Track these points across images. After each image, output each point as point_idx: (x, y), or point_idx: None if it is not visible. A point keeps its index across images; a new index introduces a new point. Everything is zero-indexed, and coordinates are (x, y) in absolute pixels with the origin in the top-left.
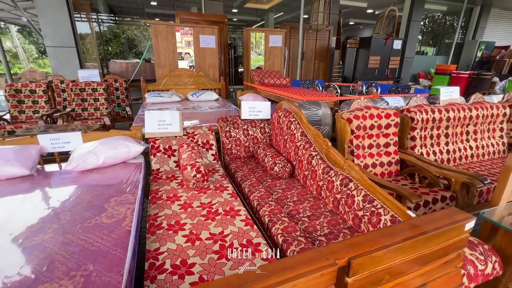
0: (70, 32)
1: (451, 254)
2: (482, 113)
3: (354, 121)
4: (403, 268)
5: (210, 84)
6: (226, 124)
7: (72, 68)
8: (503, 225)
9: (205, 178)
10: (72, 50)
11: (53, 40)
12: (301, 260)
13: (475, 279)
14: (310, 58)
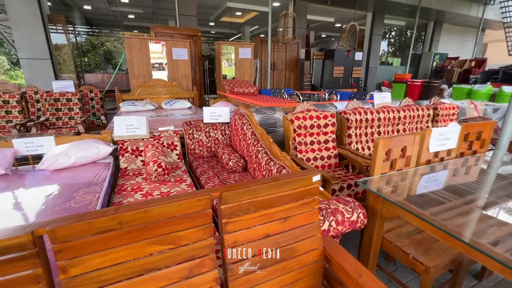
0: (45, 44)
1: (306, 198)
2: (410, 114)
3: (295, 121)
4: (265, 203)
5: (183, 93)
6: (189, 127)
7: (46, 79)
8: (371, 188)
9: (165, 172)
10: (47, 62)
11: (28, 53)
12: (191, 193)
13: (342, 223)
14: (281, 69)
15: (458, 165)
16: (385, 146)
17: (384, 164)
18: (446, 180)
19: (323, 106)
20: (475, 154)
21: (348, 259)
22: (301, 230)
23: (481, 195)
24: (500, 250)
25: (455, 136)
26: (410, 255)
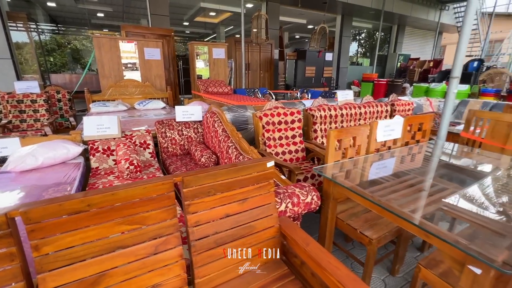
0: (4, 43)
1: (262, 182)
2: (370, 110)
3: (264, 118)
4: (225, 187)
5: (157, 94)
6: (162, 126)
7: (7, 80)
8: (323, 174)
9: (138, 169)
10: (7, 61)
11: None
12: (156, 178)
13: (297, 204)
14: (255, 69)
15: (403, 152)
16: (336, 136)
17: (337, 153)
18: (389, 165)
19: (293, 104)
20: (418, 143)
21: (299, 233)
22: (258, 210)
23: (416, 176)
24: (417, 215)
25: (399, 127)
26: (357, 230)
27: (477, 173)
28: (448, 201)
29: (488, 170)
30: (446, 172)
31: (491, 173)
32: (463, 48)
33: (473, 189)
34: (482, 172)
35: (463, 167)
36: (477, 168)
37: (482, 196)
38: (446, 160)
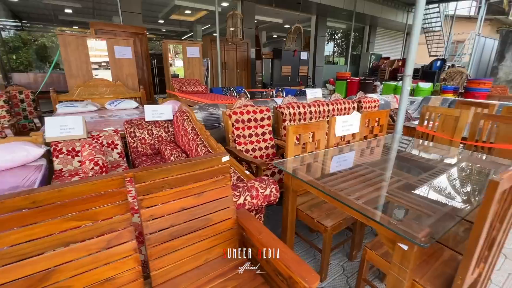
0: None
1: (218, 176)
2: (337, 107)
3: (233, 116)
4: (179, 181)
5: (129, 93)
6: (130, 126)
7: None
8: (281, 167)
9: (103, 170)
10: None
11: None
12: (106, 174)
13: (256, 197)
14: (232, 68)
15: (361, 146)
16: (295, 132)
17: (296, 147)
18: (345, 158)
19: (265, 102)
20: (376, 137)
21: (254, 224)
22: (215, 203)
23: (368, 167)
24: (360, 201)
25: (357, 123)
26: (315, 219)
27: (422, 163)
28: (390, 188)
29: (431, 160)
30: (396, 163)
31: (433, 162)
32: (413, 49)
33: (414, 177)
34: (427, 162)
35: (411, 157)
36: (423, 159)
37: (420, 183)
38: (398, 152)
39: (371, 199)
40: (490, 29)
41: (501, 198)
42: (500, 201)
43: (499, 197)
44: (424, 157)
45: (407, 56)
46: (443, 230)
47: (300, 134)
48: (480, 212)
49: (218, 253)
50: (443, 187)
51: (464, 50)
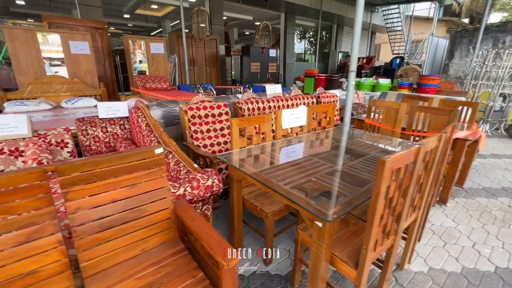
0: None
1: (153, 168)
2: (297, 102)
3: (189, 112)
4: (108, 174)
5: (88, 91)
6: (82, 123)
7: None
8: (223, 158)
9: None
10: None
11: None
12: (25, 168)
13: (197, 188)
14: (201, 64)
15: (309, 138)
16: (238, 125)
17: (242, 140)
18: (289, 149)
19: (227, 98)
20: (325, 129)
21: (189, 212)
22: (150, 194)
23: (308, 156)
24: (287, 187)
25: (304, 116)
26: (258, 207)
27: (358, 151)
28: (320, 174)
29: (368, 148)
30: (334, 152)
31: (368, 150)
32: (356, 46)
33: (346, 164)
34: (362, 150)
35: (350, 147)
36: (360, 147)
37: (350, 168)
38: (339, 142)
39: (299, 184)
40: (446, 29)
41: (397, 176)
42: (396, 179)
43: (389, 175)
44: (362, 146)
45: (351, 53)
46: (349, 208)
47: (244, 127)
48: (374, 188)
49: (155, 243)
50: (367, 170)
51: (423, 49)
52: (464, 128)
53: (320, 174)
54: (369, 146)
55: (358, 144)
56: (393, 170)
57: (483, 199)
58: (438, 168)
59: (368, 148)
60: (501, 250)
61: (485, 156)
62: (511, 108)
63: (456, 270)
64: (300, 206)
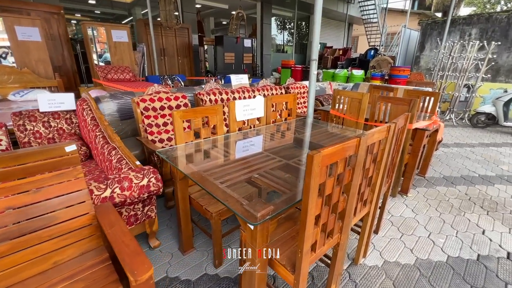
0: None
1: (63, 168)
2: (264, 94)
3: (141, 103)
4: (1, 176)
5: (41, 82)
6: (19, 118)
7: None
8: (162, 155)
9: None
10: None
11: None
12: None
13: (129, 189)
14: (172, 54)
15: (266, 131)
16: (182, 117)
17: (187, 133)
18: (241, 143)
19: (191, 90)
20: (286, 121)
21: (110, 217)
22: (62, 199)
23: (258, 150)
24: (223, 185)
25: (261, 107)
26: (203, 206)
27: (313, 144)
28: (264, 170)
29: (324, 141)
30: (288, 145)
31: (324, 142)
32: (316, 34)
33: (296, 158)
34: (318, 143)
35: (307, 140)
36: (316, 140)
37: (299, 163)
38: (296, 134)
39: (237, 182)
40: (418, 22)
41: (335, 171)
42: (334, 174)
43: (321, 170)
44: (320, 138)
45: (312, 42)
46: (286, 206)
47: (190, 119)
48: (304, 186)
49: (72, 254)
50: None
51: (398, 41)
52: (425, 118)
53: (265, 170)
54: (328, 138)
55: (316, 137)
56: (327, 165)
57: (443, 188)
58: (393, 159)
59: (326, 140)
60: (454, 239)
61: (448, 146)
62: (474, 99)
63: (410, 262)
64: (228, 207)
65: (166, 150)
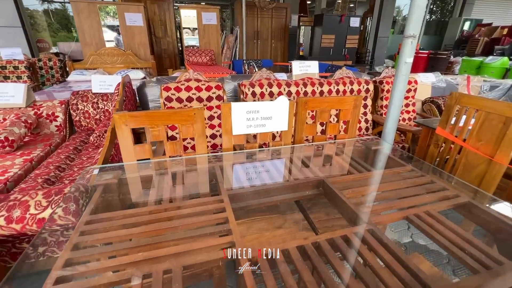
0: (15, 12)
1: None
2: (339, 88)
3: (164, 92)
4: None
5: (140, 63)
6: (75, 97)
7: (21, 48)
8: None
9: (5, 144)
10: (18, 30)
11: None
12: None
13: (20, 220)
14: (266, 37)
15: (285, 153)
16: (126, 122)
17: (140, 148)
18: (220, 169)
19: (247, 77)
20: (335, 141)
21: None
22: None
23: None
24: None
25: (283, 115)
26: None
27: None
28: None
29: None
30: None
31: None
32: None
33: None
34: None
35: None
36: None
37: None
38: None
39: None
40: None
41: None
42: None
43: None
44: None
45: (410, 8)
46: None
47: (144, 127)
48: None
49: None
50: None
51: None
52: None
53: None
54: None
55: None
56: None
57: None
58: None
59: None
60: None
61: None
62: None
63: None
64: None
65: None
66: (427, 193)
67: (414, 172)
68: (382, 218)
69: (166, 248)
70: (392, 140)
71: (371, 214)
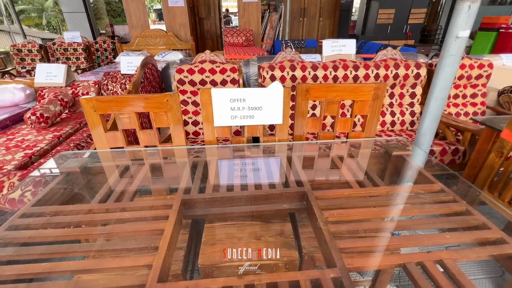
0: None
1: None
2: (379, 73)
3: (176, 75)
4: None
5: (180, 45)
6: (106, 78)
7: (84, 31)
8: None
9: (41, 120)
10: (83, 15)
11: (68, 6)
12: None
13: None
14: (313, 15)
15: (280, 151)
16: (95, 108)
17: (112, 135)
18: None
19: (268, 59)
20: (346, 140)
21: None
22: None
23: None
24: None
25: (277, 104)
26: None
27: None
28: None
29: None
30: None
31: None
32: None
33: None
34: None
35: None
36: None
37: None
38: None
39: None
40: None
41: None
42: None
43: None
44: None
45: None
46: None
47: (114, 113)
48: None
49: None
50: None
51: None
52: None
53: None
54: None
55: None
56: None
57: None
58: None
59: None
60: None
61: None
62: None
63: None
64: None
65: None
66: (452, 229)
67: (443, 195)
68: (362, 262)
69: (69, 262)
70: (428, 144)
71: (346, 252)
